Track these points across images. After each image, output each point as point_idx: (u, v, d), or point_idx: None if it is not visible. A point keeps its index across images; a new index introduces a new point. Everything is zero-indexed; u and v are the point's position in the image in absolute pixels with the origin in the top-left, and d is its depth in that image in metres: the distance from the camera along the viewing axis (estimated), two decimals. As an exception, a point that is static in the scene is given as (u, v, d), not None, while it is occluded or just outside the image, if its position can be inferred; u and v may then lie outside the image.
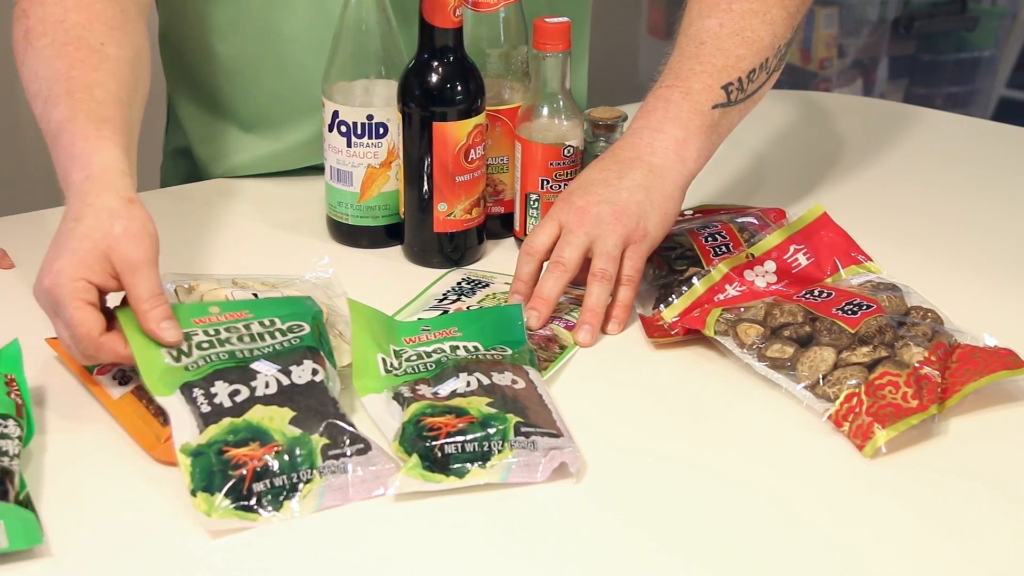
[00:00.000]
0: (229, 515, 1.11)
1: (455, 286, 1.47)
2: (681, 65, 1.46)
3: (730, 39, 1.46)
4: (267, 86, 1.67)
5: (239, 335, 1.25)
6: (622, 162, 1.42)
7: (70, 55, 1.36)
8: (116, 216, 1.25)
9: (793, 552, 1.12)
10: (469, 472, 1.16)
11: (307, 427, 1.16)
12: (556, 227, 1.41)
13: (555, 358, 1.35)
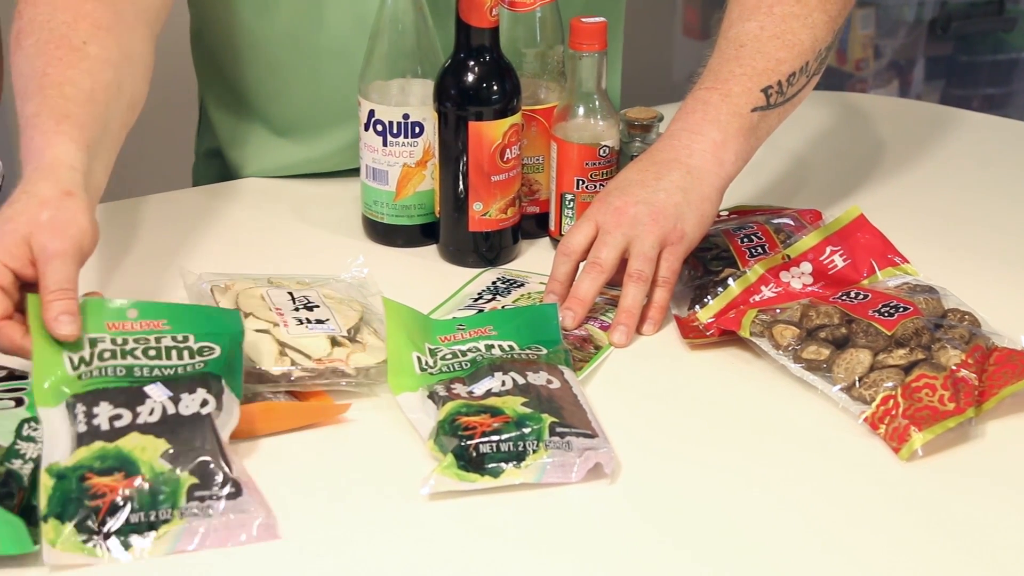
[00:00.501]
0: (74, 548, 1.06)
1: (490, 285, 1.47)
2: (720, 67, 1.45)
3: (770, 42, 1.46)
4: (300, 92, 1.67)
5: (146, 348, 1.21)
6: (660, 163, 1.42)
7: (49, 53, 1.35)
8: (46, 205, 1.23)
9: (828, 555, 1.11)
10: (504, 472, 1.16)
11: (178, 463, 1.11)
12: (593, 227, 1.40)
13: (590, 358, 1.35)
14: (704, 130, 1.42)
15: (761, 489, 1.19)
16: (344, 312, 1.35)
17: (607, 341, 1.38)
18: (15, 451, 1.13)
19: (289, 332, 1.30)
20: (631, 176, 1.42)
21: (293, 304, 1.35)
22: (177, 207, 1.69)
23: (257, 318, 1.32)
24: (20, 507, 1.09)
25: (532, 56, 1.54)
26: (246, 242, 1.59)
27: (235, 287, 1.36)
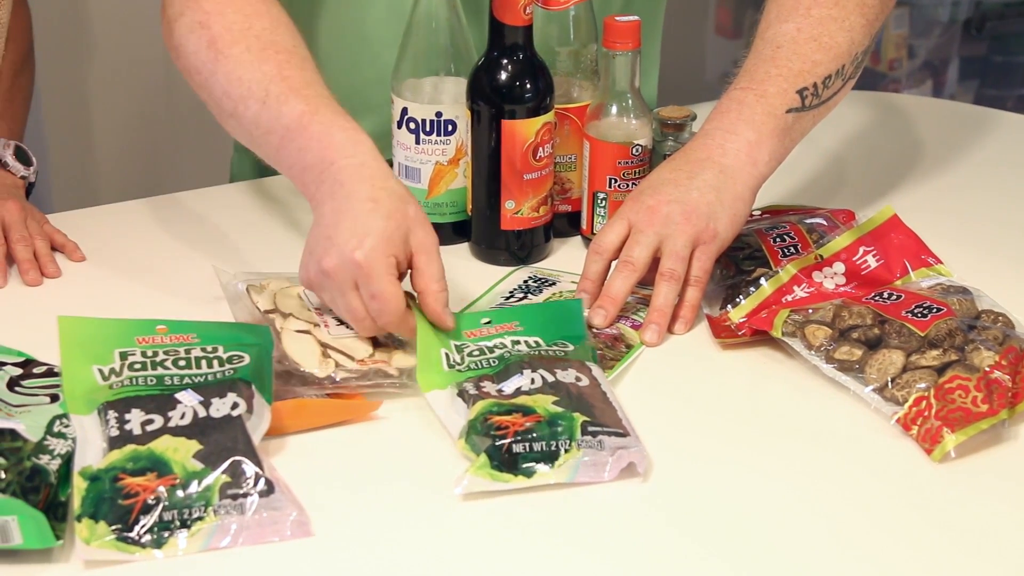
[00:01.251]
0: (108, 545, 1.07)
1: (521, 284, 1.47)
2: (756, 68, 1.45)
3: (807, 44, 1.45)
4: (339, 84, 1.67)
5: (176, 359, 1.23)
6: (693, 162, 1.42)
7: (272, 57, 1.40)
8: (407, 200, 1.31)
9: (861, 556, 1.11)
10: (537, 472, 1.16)
11: (211, 462, 1.12)
12: (625, 226, 1.40)
13: (621, 357, 1.34)
14: (738, 129, 1.42)
15: (793, 490, 1.18)
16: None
17: (638, 340, 1.37)
18: (44, 447, 1.13)
19: (330, 333, 1.31)
20: (664, 175, 1.42)
21: (331, 304, 1.36)
22: (212, 203, 1.70)
23: (297, 319, 1.32)
24: (45, 503, 1.09)
25: (565, 54, 1.54)
26: (280, 239, 1.60)
27: (271, 286, 1.37)
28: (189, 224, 1.63)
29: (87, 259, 1.55)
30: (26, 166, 1.65)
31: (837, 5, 1.47)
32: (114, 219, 1.66)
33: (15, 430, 1.14)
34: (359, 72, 1.66)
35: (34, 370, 1.25)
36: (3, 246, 1.51)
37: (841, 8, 1.47)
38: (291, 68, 1.40)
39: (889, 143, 1.89)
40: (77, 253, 1.55)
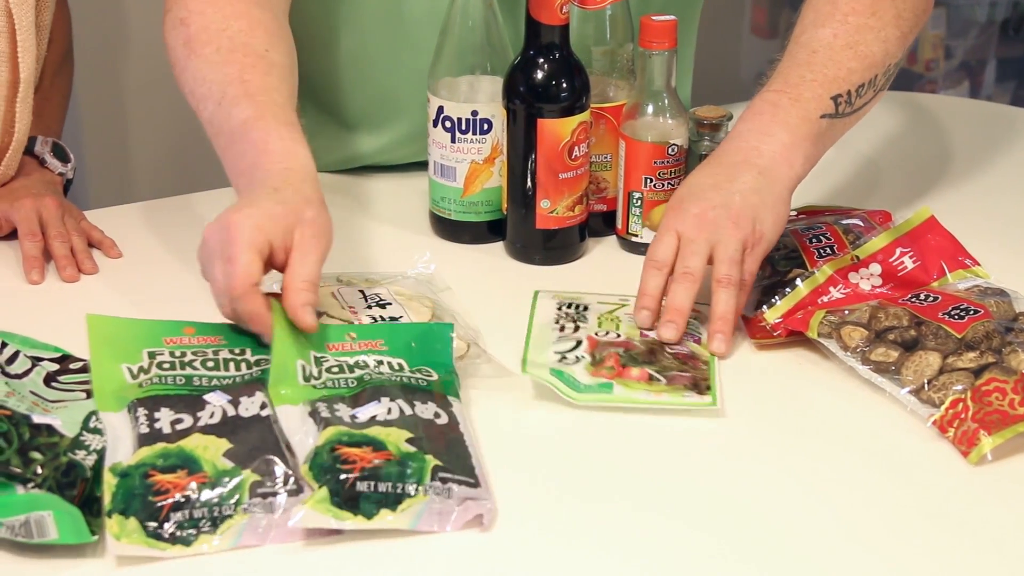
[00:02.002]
0: (138, 541, 1.07)
1: (563, 313, 1.41)
2: (791, 72, 1.44)
3: (843, 51, 1.45)
4: (375, 83, 1.67)
5: (204, 360, 1.23)
6: (730, 166, 1.41)
7: (239, 60, 1.40)
8: (311, 204, 1.29)
9: (894, 559, 1.11)
10: (378, 515, 1.10)
11: (241, 461, 1.12)
12: (675, 237, 1.38)
13: (708, 376, 1.31)
14: (773, 131, 1.41)
15: (828, 492, 1.18)
16: (416, 309, 1.35)
17: (709, 353, 1.36)
18: (80, 442, 1.14)
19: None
20: (702, 181, 1.41)
21: (365, 302, 1.35)
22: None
23: (331, 316, 1.32)
24: (81, 498, 1.10)
25: (602, 54, 1.54)
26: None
27: (305, 284, 1.37)
28: (225, 221, 1.63)
29: (123, 255, 1.55)
30: (64, 163, 1.66)
31: (874, 15, 1.47)
32: (150, 216, 1.67)
33: (52, 425, 1.14)
34: (396, 71, 1.66)
35: (70, 366, 1.25)
36: (41, 242, 1.52)
37: (878, 18, 1.47)
38: (254, 72, 1.39)
39: (925, 144, 1.89)
40: (114, 250, 1.56)
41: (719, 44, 3.36)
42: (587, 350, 1.33)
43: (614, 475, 1.20)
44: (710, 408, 1.26)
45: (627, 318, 1.39)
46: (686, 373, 1.30)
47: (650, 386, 1.28)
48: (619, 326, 1.38)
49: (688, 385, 1.29)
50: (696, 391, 1.28)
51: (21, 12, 1.52)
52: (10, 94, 1.55)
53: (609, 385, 1.28)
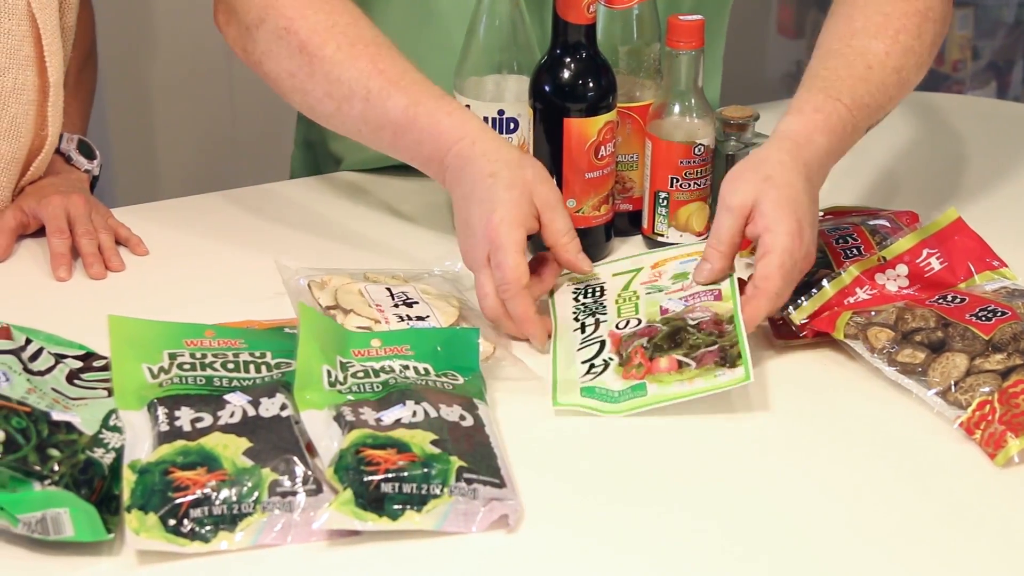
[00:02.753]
0: (158, 536, 1.07)
1: (578, 306, 1.40)
2: (857, 87, 1.41)
3: (892, 75, 1.44)
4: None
5: (224, 362, 1.23)
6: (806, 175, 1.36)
7: (363, 52, 1.44)
8: (523, 164, 1.37)
9: (920, 560, 1.10)
10: (403, 515, 1.10)
11: (260, 460, 1.12)
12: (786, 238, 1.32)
13: (737, 339, 1.27)
14: (832, 160, 1.40)
15: (853, 493, 1.18)
16: (443, 308, 1.35)
17: (732, 312, 1.31)
18: (99, 440, 1.14)
19: (391, 329, 1.31)
20: (799, 189, 1.34)
21: (392, 300, 1.35)
22: (273, 199, 1.70)
23: (358, 314, 1.32)
24: (99, 496, 1.10)
25: (628, 53, 1.54)
26: (341, 236, 1.60)
27: (332, 282, 1.37)
28: (250, 219, 1.64)
29: (150, 253, 1.56)
30: (89, 159, 1.67)
31: (919, 37, 1.47)
32: (176, 214, 1.67)
33: (71, 423, 1.14)
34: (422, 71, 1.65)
35: (94, 363, 1.25)
36: (69, 239, 1.52)
37: (921, 42, 1.47)
38: (383, 60, 1.44)
39: (953, 145, 1.88)
40: (141, 247, 1.56)
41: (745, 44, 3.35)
42: (612, 350, 1.32)
43: (639, 476, 1.20)
44: (745, 383, 1.24)
45: (643, 289, 1.39)
46: (713, 347, 1.28)
47: (681, 374, 1.27)
48: (637, 307, 1.37)
49: (718, 361, 1.27)
50: (727, 364, 1.26)
51: (45, 16, 1.52)
52: (40, 98, 1.55)
53: (642, 386, 1.27)
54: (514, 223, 1.33)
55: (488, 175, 1.35)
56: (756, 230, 1.33)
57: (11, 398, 1.13)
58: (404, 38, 1.64)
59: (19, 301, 1.46)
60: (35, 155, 1.58)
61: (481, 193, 1.35)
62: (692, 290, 1.36)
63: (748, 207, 1.33)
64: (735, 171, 1.37)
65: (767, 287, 1.31)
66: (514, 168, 1.36)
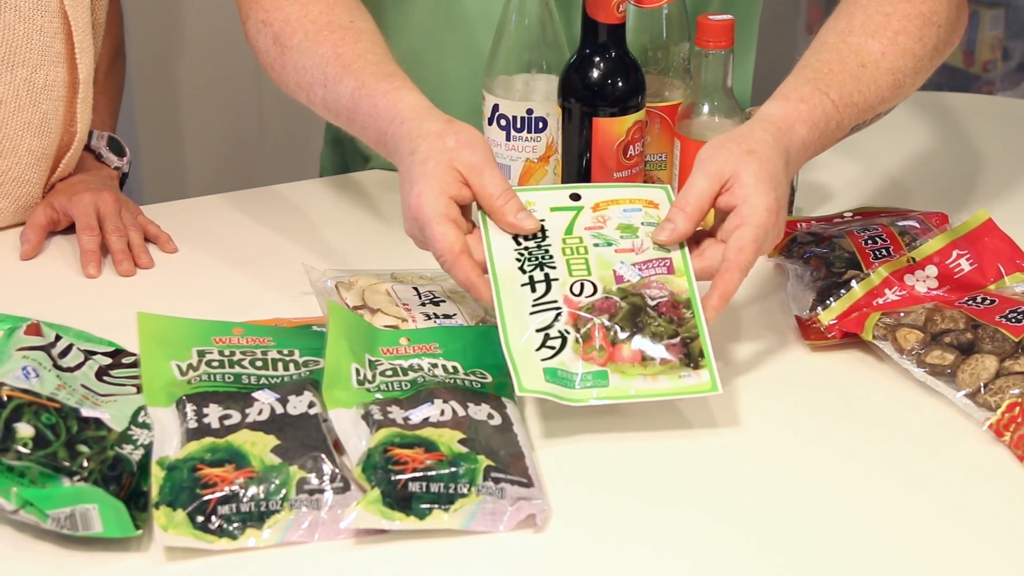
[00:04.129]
0: (186, 532, 1.07)
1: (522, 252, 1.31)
2: (845, 82, 1.39)
3: (886, 75, 1.41)
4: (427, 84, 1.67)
5: (252, 359, 1.23)
6: (783, 157, 1.33)
7: (327, 38, 1.42)
8: (444, 134, 1.30)
9: (951, 563, 1.10)
10: (431, 515, 1.10)
11: (288, 457, 1.12)
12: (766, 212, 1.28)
13: (698, 331, 1.24)
14: (798, 129, 1.35)
15: (881, 494, 1.17)
16: (470, 306, 1.35)
17: (684, 288, 1.27)
18: (128, 436, 1.15)
19: (418, 327, 1.31)
20: (778, 166, 1.31)
21: (419, 299, 1.36)
22: (301, 198, 1.71)
23: (385, 314, 1.32)
24: (127, 492, 1.11)
25: (657, 53, 1.54)
26: (369, 234, 1.60)
27: (359, 283, 1.38)
28: (279, 218, 1.64)
29: (178, 251, 1.56)
30: (119, 157, 1.68)
31: (920, 40, 1.44)
32: (204, 211, 1.68)
33: (100, 419, 1.15)
34: (448, 72, 1.66)
35: (123, 360, 1.26)
36: (98, 236, 1.53)
37: (922, 45, 1.44)
38: (344, 45, 1.41)
39: (982, 146, 1.87)
40: (170, 244, 1.57)
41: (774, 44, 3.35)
42: (569, 321, 1.25)
43: (667, 476, 1.20)
44: (711, 394, 1.22)
45: (589, 237, 1.31)
46: (675, 340, 1.24)
47: (645, 368, 1.23)
48: (588, 265, 1.29)
49: (682, 359, 1.23)
50: (691, 365, 1.23)
51: (77, 13, 1.53)
52: (69, 95, 1.56)
53: (603, 374, 1.23)
54: (433, 193, 1.26)
55: (409, 153, 1.30)
56: (733, 200, 1.28)
57: (41, 394, 1.14)
58: (428, 41, 1.65)
59: (49, 298, 1.47)
60: (64, 151, 1.59)
61: (404, 173, 1.30)
62: (644, 255, 1.29)
63: (726, 176, 1.29)
64: (716, 141, 1.32)
65: (740, 260, 1.26)
66: (433, 140, 1.29)
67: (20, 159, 1.56)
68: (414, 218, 1.27)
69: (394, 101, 1.35)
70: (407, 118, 1.33)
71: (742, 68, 1.74)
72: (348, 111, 1.39)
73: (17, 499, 1.08)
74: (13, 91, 1.53)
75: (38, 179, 1.58)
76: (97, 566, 1.08)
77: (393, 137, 1.33)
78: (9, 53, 1.51)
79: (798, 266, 1.47)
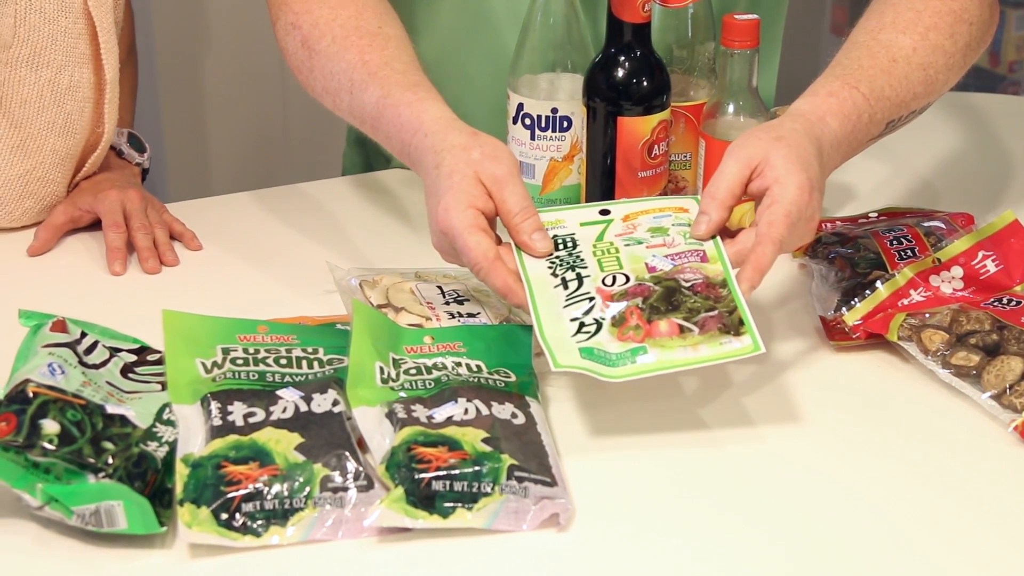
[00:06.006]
0: (210, 530, 1.08)
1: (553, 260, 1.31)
2: (875, 77, 1.39)
3: (917, 71, 1.41)
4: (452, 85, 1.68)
5: (277, 357, 1.23)
6: (815, 146, 1.33)
7: (355, 43, 1.42)
8: (469, 147, 1.29)
9: (976, 566, 1.10)
10: (454, 513, 1.10)
11: (312, 455, 1.12)
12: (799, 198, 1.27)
13: (736, 303, 1.22)
14: (843, 150, 1.36)
15: (906, 496, 1.17)
16: (493, 305, 1.35)
17: (721, 274, 1.26)
18: (153, 433, 1.15)
19: (442, 326, 1.31)
20: (811, 153, 1.30)
21: (443, 298, 1.36)
22: (324, 196, 1.71)
23: (409, 312, 1.33)
24: (152, 489, 1.11)
25: (683, 52, 1.54)
26: (392, 233, 1.61)
27: (383, 281, 1.38)
28: (302, 216, 1.64)
29: (203, 248, 1.57)
30: (140, 153, 1.68)
31: (951, 37, 1.44)
32: (228, 210, 1.68)
33: (125, 416, 1.15)
34: (473, 73, 1.66)
35: (148, 357, 1.26)
36: (124, 234, 1.53)
37: (953, 42, 1.44)
38: (372, 52, 1.41)
39: (1008, 147, 1.87)
40: (195, 242, 1.57)
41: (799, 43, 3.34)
42: (603, 308, 1.24)
43: (690, 477, 1.20)
44: (756, 354, 1.20)
45: (620, 241, 1.31)
46: (713, 312, 1.22)
47: (684, 339, 1.21)
48: (620, 261, 1.28)
49: (721, 328, 1.22)
50: (732, 333, 1.21)
51: (101, 13, 1.53)
52: (96, 95, 1.57)
53: (642, 349, 1.21)
54: (459, 206, 1.26)
55: (434, 167, 1.29)
56: (764, 183, 1.27)
57: (66, 391, 1.14)
58: (454, 40, 1.65)
59: (75, 295, 1.47)
60: (90, 151, 1.59)
61: (430, 186, 1.30)
62: (677, 248, 1.29)
63: (756, 161, 1.28)
64: (745, 134, 1.32)
65: (772, 232, 1.24)
66: (458, 152, 1.29)
67: (44, 159, 1.56)
68: (443, 232, 1.27)
69: (418, 113, 1.34)
70: (430, 131, 1.32)
71: (767, 68, 1.74)
72: (372, 119, 1.39)
73: (42, 495, 1.09)
74: (37, 92, 1.53)
75: (62, 178, 1.58)
76: (121, 562, 1.09)
77: (417, 149, 1.33)
78: (33, 55, 1.52)
79: (823, 266, 1.47)
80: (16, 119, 1.54)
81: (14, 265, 1.54)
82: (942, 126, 1.50)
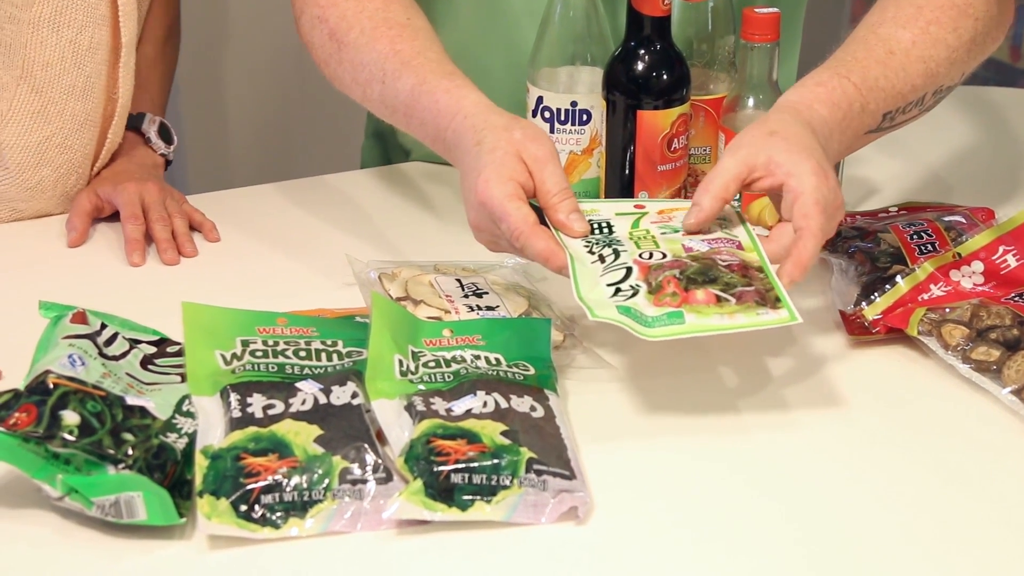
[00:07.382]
0: (229, 521, 1.08)
1: (591, 241, 1.31)
2: (869, 68, 1.38)
3: (917, 64, 1.41)
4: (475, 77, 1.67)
5: (296, 350, 1.23)
6: (815, 133, 1.33)
7: (385, 34, 1.43)
8: (511, 127, 1.31)
9: (995, 561, 1.10)
10: (473, 506, 1.11)
11: (331, 447, 1.12)
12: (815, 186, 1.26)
13: (772, 284, 1.22)
14: (837, 140, 1.35)
15: (925, 491, 1.17)
16: (512, 298, 1.35)
17: (759, 258, 1.26)
18: (172, 425, 1.15)
19: (461, 319, 1.31)
20: (816, 145, 1.30)
21: (462, 291, 1.36)
22: (343, 189, 1.71)
23: (428, 305, 1.33)
24: (171, 480, 1.11)
25: (703, 46, 1.53)
26: (411, 226, 1.61)
27: (402, 274, 1.38)
28: (321, 209, 1.65)
29: (221, 240, 1.57)
30: (167, 144, 1.68)
31: (954, 32, 1.43)
32: (248, 201, 1.69)
33: (145, 407, 1.15)
34: (492, 67, 1.66)
35: (168, 349, 1.26)
36: (143, 225, 1.54)
37: (956, 37, 1.43)
38: (402, 41, 1.42)
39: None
40: (213, 233, 1.57)
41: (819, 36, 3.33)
42: (640, 277, 1.24)
43: (710, 470, 1.19)
44: (792, 323, 1.19)
45: (656, 228, 1.31)
46: (750, 287, 1.22)
47: (720, 308, 1.20)
48: (657, 243, 1.29)
49: (758, 300, 1.21)
50: (768, 305, 1.21)
51: None
52: (112, 58, 1.57)
53: (679, 313, 1.20)
54: (501, 178, 1.27)
55: (475, 144, 1.31)
56: (776, 180, 1.27)
57: (86, 382, 1.15)
58: (473, 33, 1.65)
59: (94, 286, 1.48)
60: (109, 121, 1.60)
61: (469, 163, 1.31)
62: (713, 235, 1.30)
63: (754, 160, 1.27)
64: (739, 134, 1.32)
65: (810, 225, 1.24)
66: (499, 131, 1.30)
67: (64, 124, 1.57)
68: (481, 202, 1.27)
69: (457, 98, 1.35)
70: (471, 113, 1.34)
71: (787, 62, 1.74)
72: (406, 107, 1.39)
73: (63, 486, 1.09)
74: (59, 53, 1.54)
75: (80, 146, 1.59)
76: (141, 553, 1.09)
77: (455, 132, 1.34)
78: (55, 13, 1.52)
79: (842, 260, 1.47)
80: (38, 83, 1.55)
81: (34, 257, 1.54)
82: (962, 120, 1.50)
